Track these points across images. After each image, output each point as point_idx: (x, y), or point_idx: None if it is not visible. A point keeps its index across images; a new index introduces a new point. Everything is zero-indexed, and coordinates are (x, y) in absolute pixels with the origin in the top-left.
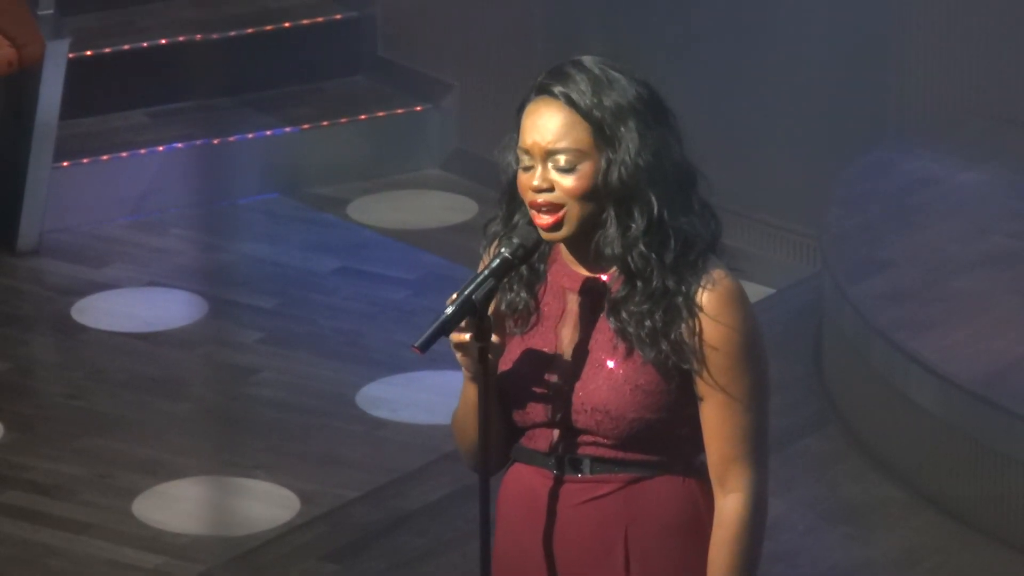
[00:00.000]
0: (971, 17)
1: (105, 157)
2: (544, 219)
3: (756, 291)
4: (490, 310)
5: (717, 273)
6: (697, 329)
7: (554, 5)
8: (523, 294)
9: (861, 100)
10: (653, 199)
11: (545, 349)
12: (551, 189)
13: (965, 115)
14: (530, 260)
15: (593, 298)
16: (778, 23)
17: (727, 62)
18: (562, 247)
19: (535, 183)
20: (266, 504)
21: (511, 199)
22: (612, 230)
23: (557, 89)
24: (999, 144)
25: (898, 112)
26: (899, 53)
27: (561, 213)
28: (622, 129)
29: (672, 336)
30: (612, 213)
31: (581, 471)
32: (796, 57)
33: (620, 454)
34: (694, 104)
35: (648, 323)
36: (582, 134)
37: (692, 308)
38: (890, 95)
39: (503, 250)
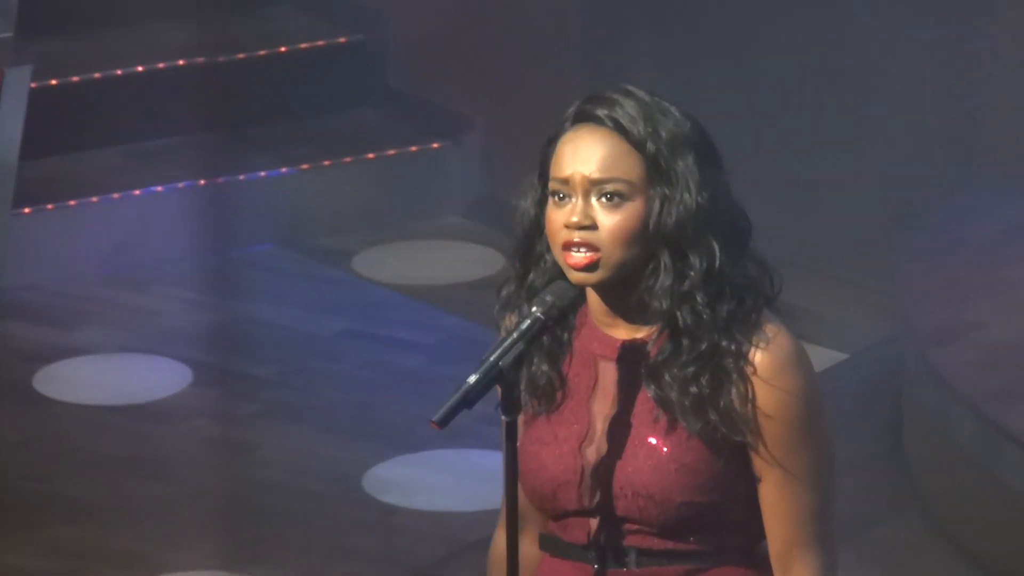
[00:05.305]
0: None
1: (73, 202)
2: (577, 257)
3: (826, 356)
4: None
5: (771, 329)
6: (750, 395)
7: (592, 27)
8: (544, 367)
9: (946, 139)
10: (714, 244)
11: (576, 427)
12: (592, 226)
13: None
14: (566, 321)
15: (629, 364)
16: (855, 60)
17: (793, 99)
18: (591, 308)
19: (574, 218)
20: None
21: (526, 254)
22: (665, 280)
23: (603, 113)
24: None
25: (987, 153)
26: (987, 88)
27: (598, 255)
28: (680, 163)
29: (721, 404)
30: (666, 260)
31: (627, 564)
32: (874, 93)
33: (670, 544)
34: (756, 144)
35: (694, 389)
36: (634, 166)
37: (743, 371)
38: (978, 134)
39: (535, 309)
